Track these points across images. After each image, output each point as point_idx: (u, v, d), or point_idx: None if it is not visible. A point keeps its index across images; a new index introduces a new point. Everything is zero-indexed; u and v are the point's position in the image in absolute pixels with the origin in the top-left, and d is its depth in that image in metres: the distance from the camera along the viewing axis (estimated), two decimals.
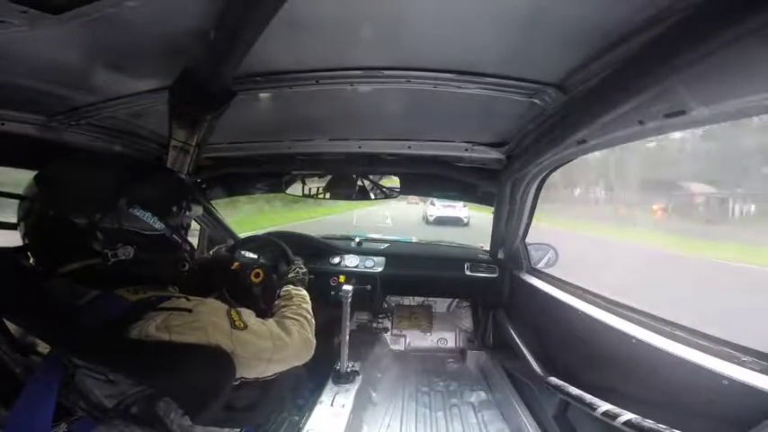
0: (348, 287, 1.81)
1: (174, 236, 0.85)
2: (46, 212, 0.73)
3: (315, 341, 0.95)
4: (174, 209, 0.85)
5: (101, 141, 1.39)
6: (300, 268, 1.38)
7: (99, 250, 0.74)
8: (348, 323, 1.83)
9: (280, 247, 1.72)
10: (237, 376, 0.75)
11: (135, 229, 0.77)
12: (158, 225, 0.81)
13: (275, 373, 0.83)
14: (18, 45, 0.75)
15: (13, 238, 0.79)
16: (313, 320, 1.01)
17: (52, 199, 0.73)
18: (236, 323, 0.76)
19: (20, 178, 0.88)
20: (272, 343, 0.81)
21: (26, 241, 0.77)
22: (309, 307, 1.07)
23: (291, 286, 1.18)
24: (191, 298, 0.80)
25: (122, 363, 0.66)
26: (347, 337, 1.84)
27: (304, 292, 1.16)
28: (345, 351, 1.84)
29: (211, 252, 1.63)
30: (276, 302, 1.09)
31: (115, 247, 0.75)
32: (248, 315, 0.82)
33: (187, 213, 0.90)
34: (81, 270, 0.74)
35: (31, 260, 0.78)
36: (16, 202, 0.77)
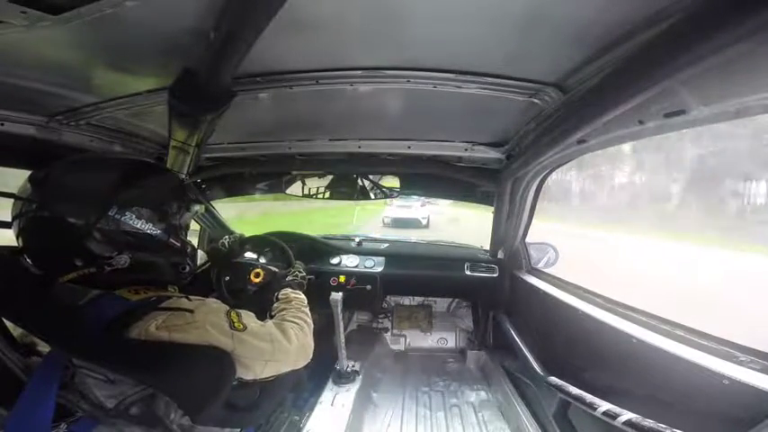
0: (337, 296, 1.77)
1: (171, 239, 0.84)
2: (39, 213, 0.73)
3: (313, 345, 0.94)
4: (171, 211, 0.84)
5: (100, 141, 1.38)
6: (300, 272, 1.37)
7: (96, 253, 0.73)
8: (342, 328, 1.84)
9: (281, 249, 1.71)
10: (236, 377, 0.75)
11: (130, 232, 0.77)
12: (154, 229, 0.80)
13: (272, 376, 0.82)
14: (18, 45, 0.75)
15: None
16: (312, 324, 1.00)
17: (45, 200, 0.73)
18: (236, 324, 0.76)
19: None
20: (271, 345, 0.81)
21: (19, 240, 0.76)
22: (308, 310, 1.07)
23: (290, 289, 1.17)
24: (192, 298, 0.80)
25: (122, 363, 0.66)
26: (343, 341, 1.85)
27: (303, 296, 1.16)
28: (343, 354, 1.85)
29: (227, 241, 1.62)
30: (275, 305, 1.09)
31: (111, 256, 0.74)
32: (248, 317, 0.82)
33: (186, 214, 0.90)
34: (79, 277, 0.74)
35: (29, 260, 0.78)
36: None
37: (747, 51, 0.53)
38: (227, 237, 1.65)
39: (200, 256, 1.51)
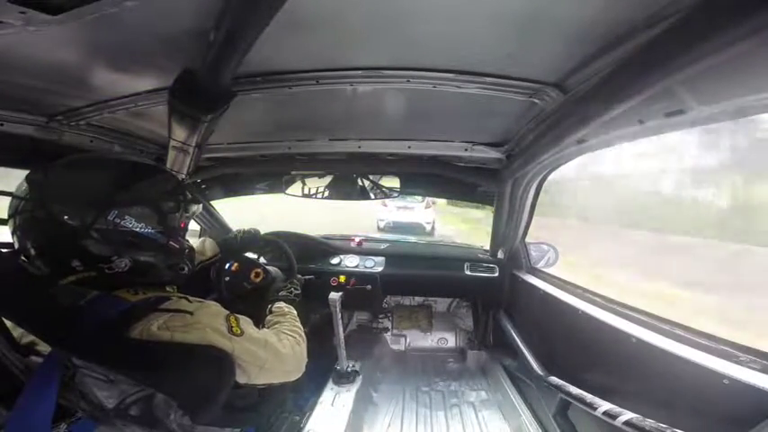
0: (335, 295, 1.80)
1: (170, 241, 0.84)
2: (35, 213, 0.73)
3: (306, 359, 0.95)
4: (170, 212, 0.84)
5: (100, 141, 1.38)
6: (296, 288, 1.37)
7: (93, 254, 0.74)
8: (341, 329, 1.85)
9: (289, 260, 1.71)
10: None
11: (128, 234, 0.77)
12: (153, 230, 0.80)
13: (264, 384, 0.83)
14: (17, 45, 0.75)
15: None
16: (305, 338, 1.00)
17: (42, 200, 0.73)
18: (234, 329, 0.76)
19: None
20: (267, 352, 0.81)
21: (14, 239, 0.76)
22: (300, 325, 1.07)
23: (283, 304, 1.18)
24: (191, 299, 0.80)
25: (123, 362, 0.66)
26: (343, 341, 1.86)
27: (294, 312, 1.16)
28: (343, 354, 1.85)
29: (240, 234, 1.62)
30: (269, 317, 1.09)
31: (110, 258, 0.74)
32: (246, 323, 0.83)
33: (185, 215, 0.90)
34: (78, 280, 0.74)
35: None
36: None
37: (747, 51, 0.53)
38: (241, 230, 1.64)
39: (212, 245, 1.52)
